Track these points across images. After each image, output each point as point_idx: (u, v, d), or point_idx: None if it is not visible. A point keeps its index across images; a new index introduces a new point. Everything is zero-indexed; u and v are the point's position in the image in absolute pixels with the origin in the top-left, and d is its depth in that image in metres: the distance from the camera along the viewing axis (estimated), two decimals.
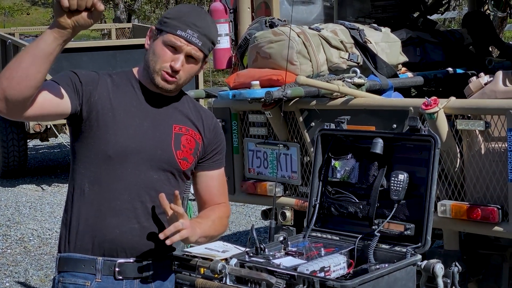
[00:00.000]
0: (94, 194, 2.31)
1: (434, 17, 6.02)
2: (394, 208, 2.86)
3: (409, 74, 4.45)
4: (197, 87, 9.98)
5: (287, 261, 2.73)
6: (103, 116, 2.30)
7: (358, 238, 2.89)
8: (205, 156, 2.51)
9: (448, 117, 3.30)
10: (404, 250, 2.75)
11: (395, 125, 3.53)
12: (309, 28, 4.12)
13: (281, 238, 2.86)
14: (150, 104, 2.38)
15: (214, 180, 2.56)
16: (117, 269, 2.31)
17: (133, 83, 2.40)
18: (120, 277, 2.32)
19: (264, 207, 4.54)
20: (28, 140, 10.55)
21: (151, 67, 2.33)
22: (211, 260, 2.70)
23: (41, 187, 9.91)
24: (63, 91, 2.24)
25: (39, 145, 12.83)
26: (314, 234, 3.08)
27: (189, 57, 2.33)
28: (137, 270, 2.34)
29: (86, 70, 2.38)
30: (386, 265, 2.67)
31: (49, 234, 7.40)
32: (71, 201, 2.35)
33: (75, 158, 2.35)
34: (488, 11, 5.90)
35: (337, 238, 3.00)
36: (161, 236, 2.22)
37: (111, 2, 22.77)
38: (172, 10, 2.40)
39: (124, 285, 2.33)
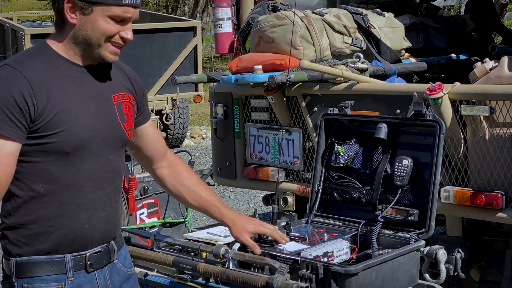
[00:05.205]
0: (52, 193, 2.17)
1: (435, 3, 5.97)
2: (398, 194, 2.85)
3: (412, 60, 4.42)
4: (196, 72, 9.92)
5: (290, 246, 2.71)
6: (53, 116, 2.13)
7: (362, 224, 2.88)
8: (139, 111, 2.42)
9: (453, 102, 3.27)
10: (408, 235, 2.74)
11: (398, 111, 3.51)
12: (312, 12, 4.09)
13: (284, 223, 2.85)
14: (86, 81, 2.23)
15: (152, 129, 2.52)
16: (88, 262, 2.23)
17: (61, 63, 2.20)
18: (92, 269, 2.24)
19: (265, 193, 4.52)
20: None
21: (94, 42, 2.17)
22: (214, 244, 2.68)
23: None
24: (10, 144, 2.09)
25: None
26: (316, 219, 3.07)
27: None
28: (105, 257, 2.28)
29: (14, 79, 2.11)
30: (390, 250, 2.66)
31: None
32: (19, 205, 2.18)
33: (19, 161, 2.14)
34: None
35: (340, 224, 2.99)
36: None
37: None
38: None
39: (97, 276, 2.26)
